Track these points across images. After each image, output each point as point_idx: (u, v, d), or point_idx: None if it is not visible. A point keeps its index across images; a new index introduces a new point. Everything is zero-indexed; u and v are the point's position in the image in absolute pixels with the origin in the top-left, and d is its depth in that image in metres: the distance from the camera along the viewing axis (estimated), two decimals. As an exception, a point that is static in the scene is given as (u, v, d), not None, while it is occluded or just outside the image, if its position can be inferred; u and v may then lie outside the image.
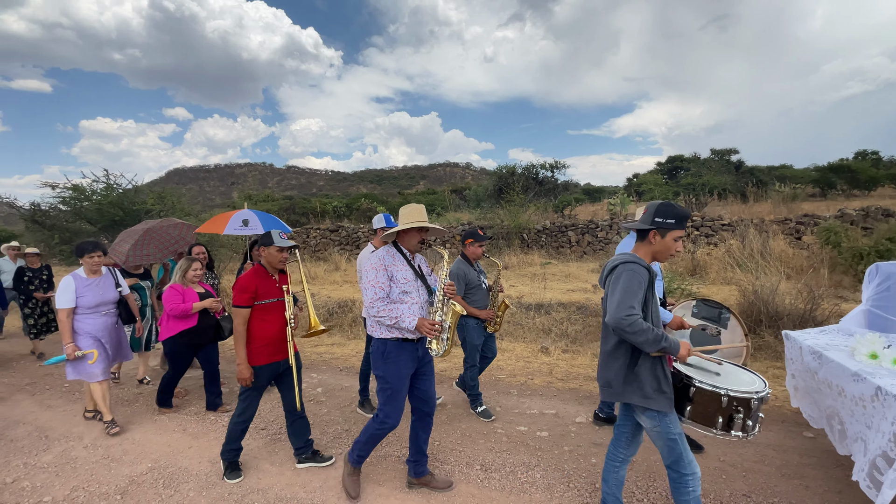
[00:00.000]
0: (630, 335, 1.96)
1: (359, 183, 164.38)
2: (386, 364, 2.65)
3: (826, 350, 2.84)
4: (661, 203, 2.15)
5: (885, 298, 3.18)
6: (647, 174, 18.98)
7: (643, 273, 2.06)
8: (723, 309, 3.49)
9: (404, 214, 2.79)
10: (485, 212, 12.74)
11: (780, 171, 20.88)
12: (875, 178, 19.46)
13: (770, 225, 9.27)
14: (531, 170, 17.32)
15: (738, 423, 2.01)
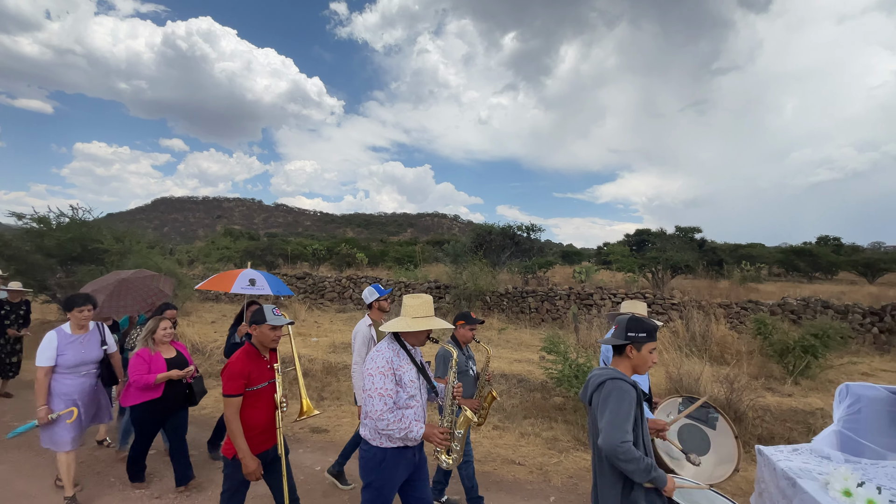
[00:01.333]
0: (622, 463, 1.92)
1: (346, 226, 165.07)
2: (382, 473, 2.37)
3: (800, 478, 2.63)
4: (629, 318, 2.18)
5: (855, 420, 3.01)
6: (616, 244, 19.69)
7: (632, 392, 2.03)
8: (710, 409, 3.29)
9: (413, 307, 2.49)
10: (459, 269, 12.73)
11: (747, 251, 21.79)
12: (835, 262, 20.29)
13: (713, 308, 9.45)
14: (508, 230, 17.62)
15: None
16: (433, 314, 2.52)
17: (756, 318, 7.77)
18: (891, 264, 20.75)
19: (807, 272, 19.94)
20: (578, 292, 11.51)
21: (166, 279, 5.44)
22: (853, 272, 20.35)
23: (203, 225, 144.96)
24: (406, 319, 2.47)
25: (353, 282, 14.01)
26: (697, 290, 11.98)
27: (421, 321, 2.43)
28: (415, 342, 2.51)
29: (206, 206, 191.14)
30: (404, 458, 2.41)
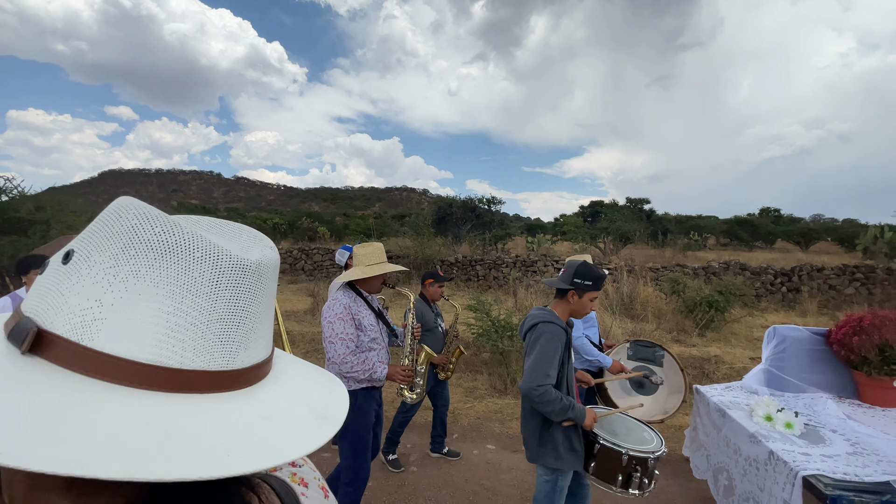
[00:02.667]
0: (538, 404, 2.01)
1: (311, 200, 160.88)
2: (357, 417, 2.46)
3: (729, 409, 2.93)
4: (580, 264, 2.22)
5: (781, 359, 3.36)
6: (571, 216, 20.36)
7: (561, 335, 2.10)
8: (656, 347, 3.56)
9: (365, 255, 2.59)
10: (419, 242, 12.99)
11: (696, 221, 23.06)
12: (773, 232, 21.83)
13: (644, 272, 10.03)
14: (469, 203, 17.86)
15: (636, 482, 2.06)
16: (385, 260, 2.61)
17: (671, 278, 8.41)
18: (822, 233, 22.51)
19: (748, 241, 21.38)
20: (524, 260, 12.00)
21: None
22: (789, 241, 21.96)
23: (157, 200, 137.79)
24: (360, 268, 2.56)
25: (304, 253, 13.91)
26: (646, 257, 12.59)
27: (374, 268, 2.52)
28: (370, 289, 2.59)
29: (160, 180, 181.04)
30: (373, 399, 2.54)
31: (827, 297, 9.78)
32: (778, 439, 2.42)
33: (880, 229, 12.65)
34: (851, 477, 1.99)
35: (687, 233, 17.58)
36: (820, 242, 21.80)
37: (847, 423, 2.74)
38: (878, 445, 2.38)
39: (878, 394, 3.09)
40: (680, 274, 9.15)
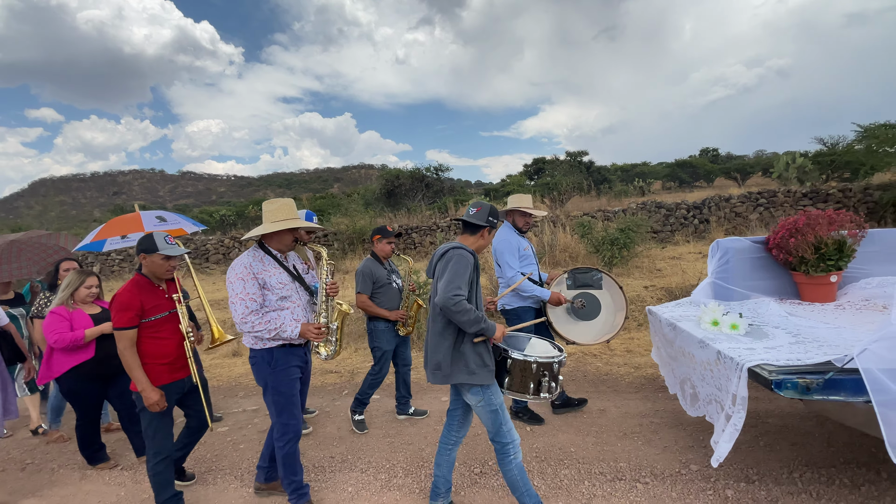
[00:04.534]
0: (455, 314, 2.15)
1: (266, 188, 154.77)
2: (276, 373, 2.49)
3: (679, 321, 2.98)
4: (492, 206, 2.45)
5: (725, 271, 3.46)
6: (515, 175, 20.73)
7: (470, 258, 2.28)
8: (594, 271, 3.58)
9: (270, 212, 2.56)
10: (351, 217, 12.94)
11: (641, 168, 23.89)
12: (711, 171, 23.01)
13: (566, 220, 10.54)
14: (417, 173, 17.73)
15: (546, 386, 2.28)
16: (294, 216, 2.57)
17: (579, 222, 8.96)
18: (756, 167, 23.74)
19: (689, 182, 22.47)
20: (429, 226, 12.21)
21: (66, 236, 5.07)
22: (727, 178, 23.18)
23: (98, 204, 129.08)
24: (265, 224, 2.54)
25: (237, 241, 13.68)
26: (589, 207, 13.15)
27: (278, 224, 2.49)
28: (279, 247, 2.58)
29: (99, 183, 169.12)
30: (295, 356, 2.56)
31: (734, 224, 10.48)
32: (724, 340, 2.47)
33: (792, 156, 13.45)
34: (794, 362, 2.02)
35: (632, 180, 18.34)
36: (755, 176, 22.99)
37: (789, 319, 2.83)
38: (819, 334, 2.46)
39: (816, 290, 3.21)
40: (588, 218, 9.72)
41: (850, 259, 3.13)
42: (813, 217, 3.16)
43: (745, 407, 2.13)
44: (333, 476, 3.04)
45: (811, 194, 10.49)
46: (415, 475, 2.99)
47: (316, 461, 3.24)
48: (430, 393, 4.39)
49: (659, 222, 10.79)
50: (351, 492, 2.85)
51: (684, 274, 7.20)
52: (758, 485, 2.59)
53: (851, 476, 2.59)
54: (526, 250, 3.51)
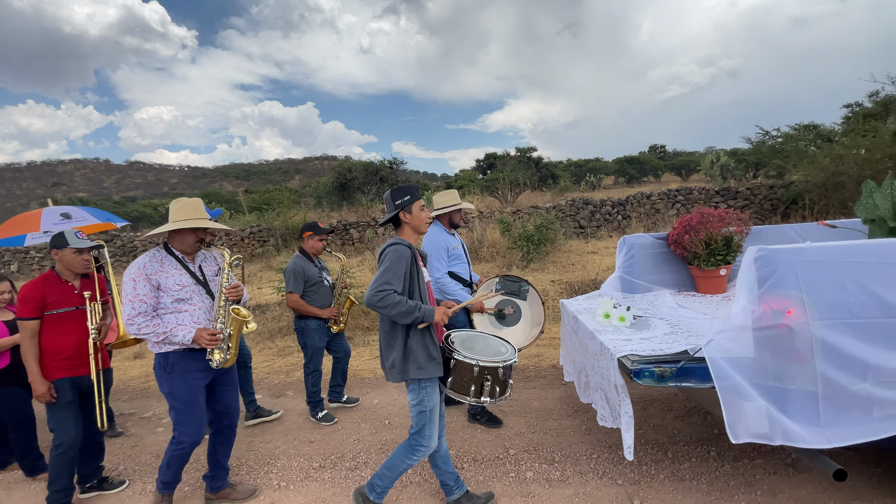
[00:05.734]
0: (382, 310, 2.13)
1: (222, 179, 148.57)
2: (171, 378, 2.42)
3: (580, 314, 3.15)
4: (391, 190, 2.39)
5: (630, 265, 3.67)
6: (467, 171, 21.06)
7: (405, 252, 2.24)
8: (522, 282, 3.69)
9: (174, 211, 2.51)
10: (324, 211, 12.74)
11: (593, 164, 24.75)
12: (658, 167, 24.12)
13: (496, 216, 10.91)
14: (371, 166, 17.50)
15: (487, 390, 2.24)
16: (198, 216, 2.50)
17: (499, 220, 9.25)
18: (700, 163, 25.13)
19: (637, 177, 23.50)
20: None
21: None
22: (674, 174, 24.35)
23: (35, 197, 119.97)
24: (168, 224, 2.48)
25: None
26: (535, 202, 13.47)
27: (179, 223, 2.44)
28: (181, 247, 2.51)
29: (36, 173, 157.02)
30: (194, 360, 2.46)
31: (653, 219, 11.19)
32: (610, 332, 2.63)
33: (717, 155, 14.41)
34: (657, 352, 2.20)
35: (585, 175, 19.05)
36: (699, 173, 24.32)
37: (677, 310, 3.05)
38: (695, 325, 2.67)
39: (708, 283, 3.46)
40: (507, 215, 10.08)
41: (738, 253, 3.39)
42: (705, 215, 3.40)
43: (627, 394, 2.29)
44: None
45: (723, 192, 11.30)
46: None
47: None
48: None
49: (585, 218, 11.28)
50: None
51: (584, 269, 7.67)
52: (559, 464, 2.84)
53: (674, 454, 2.86)
54: (456, 249, 3.50)
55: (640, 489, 2.56)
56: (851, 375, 1.74)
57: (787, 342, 1.79)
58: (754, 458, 2.76)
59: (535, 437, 3.22)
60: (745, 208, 10.91)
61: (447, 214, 3.50)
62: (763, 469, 2.64)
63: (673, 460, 2.80)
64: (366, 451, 3.22)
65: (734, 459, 2.76)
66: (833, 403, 1.77)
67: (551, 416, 3.51)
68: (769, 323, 1.82)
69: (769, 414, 1.81)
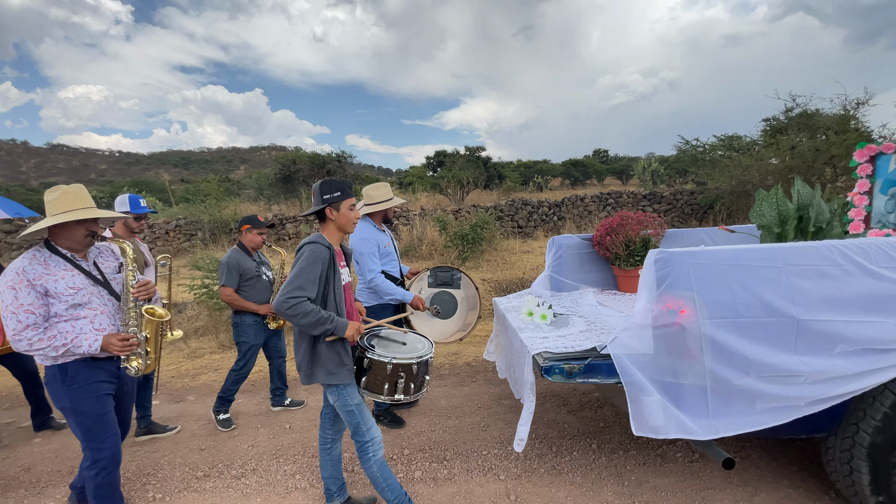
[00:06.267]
0: (292, 318, 2.01)
1: (158, 166, 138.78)
2: (73, 391, 2.11)
3: (508, 312, 3.19)
4: (322, 182, 2.22)
5: (559, 264, 3.77)
6: (417, 168, 21.16)
7: (322, 252, 2.11)
8: (454, 271, 3.70)
9: (51, 202, 2.10)
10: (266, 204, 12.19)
11: (540, 166, 25.69)
12: (600, 170, 25.44)
13: (436, 214, 11.01)
14: (317, 158, 16.92)
15: (401, 387, 2.21)
16: (83, 206, 2.14)
17: (436, 218, 9.35)
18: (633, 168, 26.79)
19: (581, 180, 24.67)
20: None
21: None
22: (614, 177, 25.77)
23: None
24: (46, 219, 2.09)
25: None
26: (489, 200, 13.69)
27: (61, 216, 2.06)
28: (70, 244, 2.15)
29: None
30: (100, 370, 2.18)
31: (586, 221, 11.81)
32: (531, 330, 2.68)
33: (648, 161, 15.45)
34: (569, 349, 2.26)
35: (533, 176, 19.69)
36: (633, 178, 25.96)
37: (597, 308, 3.16)
38: (610, 322, 2.77)
39: (628, 282, 3.62)
40: (444, 213, 10.20)
41: (656, 255, 3.59)
42: (625, 218, 3.55)
43: (534, 391, 2.35)
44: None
45: (650, 196, 12.08)
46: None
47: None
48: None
49: (524, 218, 11.62)
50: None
51: (514, 268, 7.95)
52: (448, 462, 2.87)
53: (559, 448, 2.98)
54: (387, 247, 3.41)
55: (519, 484, 2.63)
56: (736, 371, 1.85)
57: (680, 339, 1.88)
58: (629, 450, 2.91)
59: (433, 436, 3.22)
60: (668, 212, 11.73)
61: (381, 211, 3.41)
62: (635, 460, 2.80)
63: (556, 454, 2.91)
64: (257, 457, 3.07)
65: (611, 452, 2.90)
66: (720, 397, 1.88)
67: (454, 415, 3.53)
68: (666, 321, 1.91)
69: (664, 407, 1.90)
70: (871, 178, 3.31)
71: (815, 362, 1.84)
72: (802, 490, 2.44)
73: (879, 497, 1.98)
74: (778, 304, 1.83)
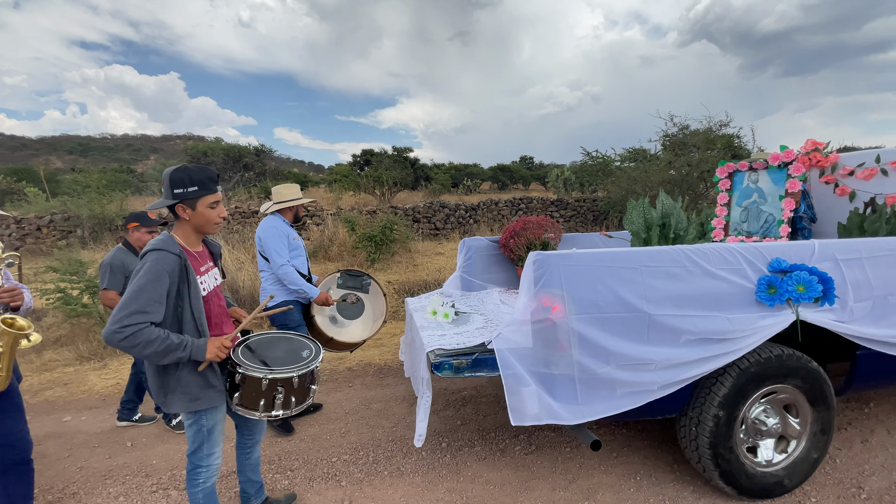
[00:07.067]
0: (130, 349, 1.66)
1: (50, 152, 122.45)
2: None
3: (416, 311, 3.27)
4: (174, 170, 1.83)
5: (469, 265, 3.93)
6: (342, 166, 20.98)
7: (169, 262, 1.74)
8: (364, 276, 3.69)
9: None
10: (89, 198, 11.33)
11: (470, 169, 26.59)
12: (525, 176, 26.91)
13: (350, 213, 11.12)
14: (233, 151, 15.91)
15: (279, 402, 1.98)
16: None
17: (345, 218, 9.43)
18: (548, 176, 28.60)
19: (508, 184, 25.92)
20: (243, 211, 11.48)
21: None
22: (538, 183, 27.32)
23: None
24: None
25: None
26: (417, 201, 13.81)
27: None
28: None
29: None
30: None
31: (499, 224, 12.51)
32: (432, 328, 2.78)
33: (561, 169, 16.74)
34: (461, 345, 2.39)
35: (463, 179, 20.29)
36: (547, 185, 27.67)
37: (498, 307, 3.34)
38: (507, 319, 2.96)
39: (530, 282, 3.89)
40: (355, 214, 10.27)
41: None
42: (527, 222, 3.79)
43: (429, 387, 2.44)
44: None
45: (557, 202, 13.06)
46: None
47: None
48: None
49: (441, 220, 11.99)
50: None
51: (419, 270, 8.14)
52: (293, 472, 2.80)
53: (408, 449, 2.99)
54: (296, 240, 3.36)
55: (359, 489, 2.61)
56: (599, 361, 2.07)
57: (552, 333, 2.07)
58: (475, 446, 2.99)
59: (287, 446, 3.10)
60: (573, 217, 12.73)
61: (291, 208, 3.37)
62: (477, 456, 2.87)
63: (405, 455, 2.92)
64: (83, 480, 2.80)
65: (457, 449, 2.96)
66: (586, 385, 2.09)
67: (318, 422, 3.45)
68: (541, 317, 2.09)
69: (539, 396, 2.07)
70: (730, 192, 3.83)
71: (663, 351, 2.11)
72: (614, 476, 2.63)
73: (721, 468, 2.29)
74: (634, 300, 2.08)
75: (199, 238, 1.99)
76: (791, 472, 2.40)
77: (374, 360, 4.71)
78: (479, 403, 3.59)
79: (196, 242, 1.97)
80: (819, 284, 2.20)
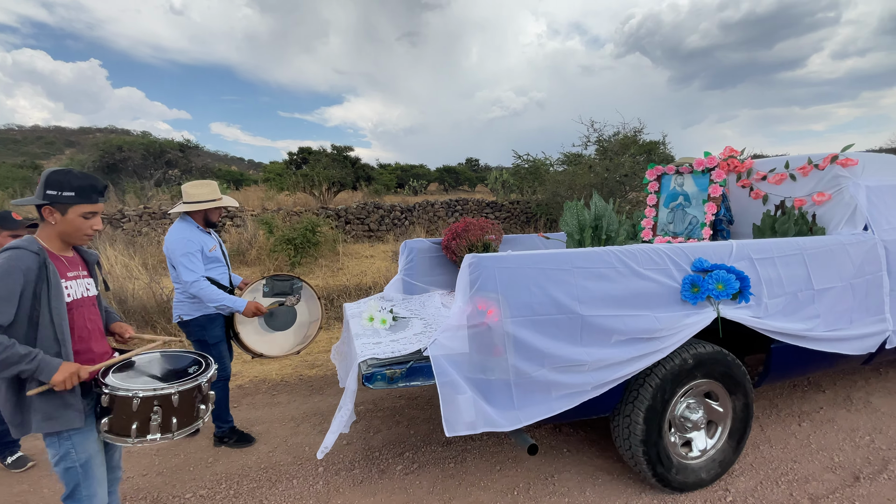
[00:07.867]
0: None
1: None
2: None
3: (352, 317, 3.12)
4: (53, 171, 1.68)
5: (411, 268, 3.83)
6: (277, 164, 20.28)
7: (25, 259, 1.59)
8: (294, 279, 3.45)
9: None
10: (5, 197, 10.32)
11: (417, 170, 26.69)
12: (470, 178, 27.43)
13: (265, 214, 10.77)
14: (154, 146, 14.75)
15: (156, 426, 1.72)
16: None
17: (262, 220, 9.02)
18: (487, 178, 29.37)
19: (454, 186, 26.31)
20: (153, 212, 10.84)
21: None
22: (484, 185, 27.99)
23: None
24: None
25: None
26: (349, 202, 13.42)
27: None
28: None
29: None
30: None
31: (436, 225, 12.63)
32: (368, 335, 2.65)
33: (500, 172, 17.26)
34: (396, 354, 2.29)
35: (409, 180, 20.27)
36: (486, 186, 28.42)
37: (440, 310, 3.27)
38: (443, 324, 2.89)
39: (472, 284, 3.86)
40: (271, 215, 9.78)
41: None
42: (469, 224, 3.76)
43: (352, 400, 2.28)
44: None
45: (492, 204, 13.31)
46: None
47: None
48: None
49: (375, 222, 11.84)
50: None
51: (336, 275, 7.85)
52: (221, 487, 2.66)
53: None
54: (213, 251, 2.98)
55: None
56: (534, 364, 2.05)
57: (487, 338, 2.03)
58: (353, 468, 2.81)
59: (139, 482, 2.76)
60: (507, 219, 13.04)
61: (202, 211, 2.99)
62: (353, 481, 2.69)
63: (272, 484, 2.69)
64: None
65: (334, 474, 2.77)
66: (522, 389, 2.07)
67: (183, 451, 3.11)
68: (477, 321, 2.04)
69: (475, 403, 2.02)
70: (658, 194, 4.01)
71: (595, 352, 2.12)
72: (492, 492, 2.54)
73: (656, 466, 2.35)
74: (567, 302, 2.08)
75: (67, 245, 1.80)
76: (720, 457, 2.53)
77: (269, 375, 4.34)
78: (372, 419, 3.41)
79: (63, 248, 1.78)
80: (737, 282, 2.32)
